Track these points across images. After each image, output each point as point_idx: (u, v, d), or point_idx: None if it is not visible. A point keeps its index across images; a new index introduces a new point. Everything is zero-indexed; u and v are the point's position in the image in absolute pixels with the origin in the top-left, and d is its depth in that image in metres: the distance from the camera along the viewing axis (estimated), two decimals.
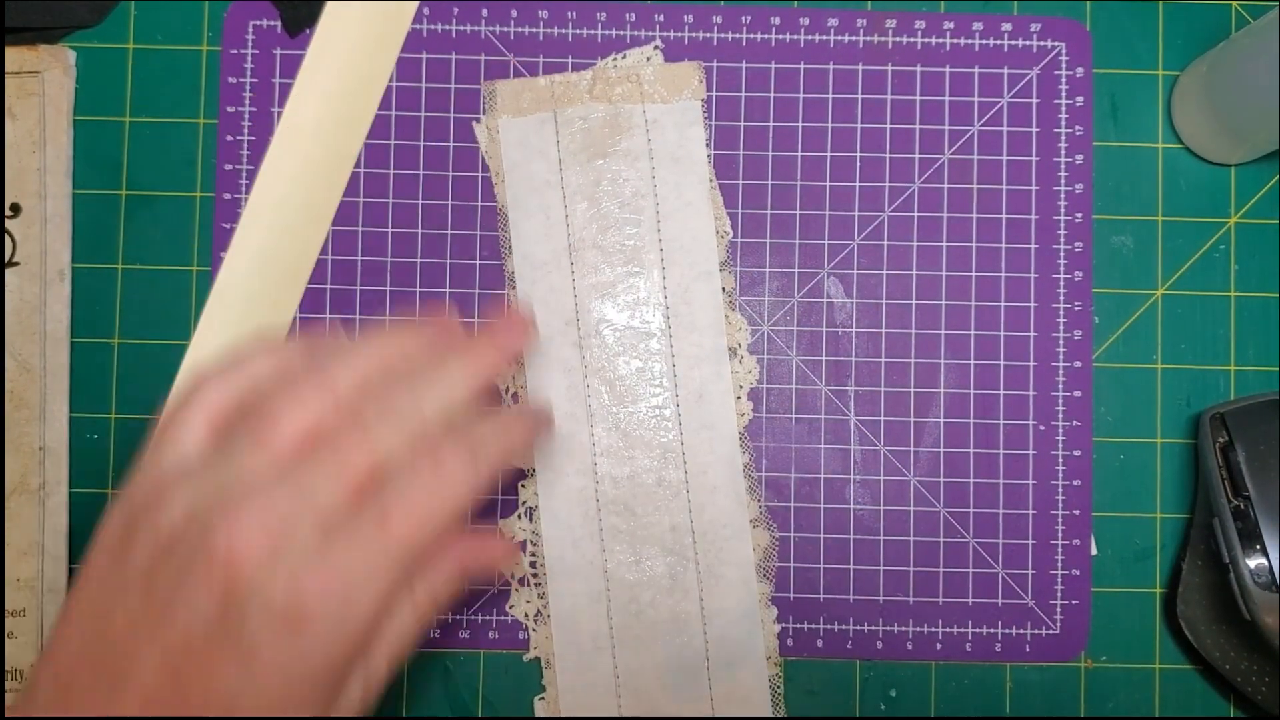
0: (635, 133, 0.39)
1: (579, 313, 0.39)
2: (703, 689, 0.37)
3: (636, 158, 0.39)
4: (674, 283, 0.39)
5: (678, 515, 0.38)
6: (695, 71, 0.39)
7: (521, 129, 0.39)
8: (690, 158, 0.39)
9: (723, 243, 0.39)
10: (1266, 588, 0.36)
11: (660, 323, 0.39)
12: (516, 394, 0.39)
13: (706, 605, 0.38)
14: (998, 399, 0.39)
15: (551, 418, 0.38)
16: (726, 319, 0.39)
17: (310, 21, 0.40)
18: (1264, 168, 0.40)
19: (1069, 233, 0.40)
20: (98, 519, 0.39)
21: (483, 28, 0.40)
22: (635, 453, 0.38)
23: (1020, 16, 0.40)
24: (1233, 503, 0.37)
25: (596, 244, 0.39)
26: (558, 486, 0.38)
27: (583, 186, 0.39)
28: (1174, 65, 0.40)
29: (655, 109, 0.39)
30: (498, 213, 0.39)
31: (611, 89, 0.39)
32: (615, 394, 0.38)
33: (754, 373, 0.39)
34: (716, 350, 0.39)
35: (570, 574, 0.38)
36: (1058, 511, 0.39)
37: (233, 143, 0.40)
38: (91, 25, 0.40)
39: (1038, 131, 0.40)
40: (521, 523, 0.39)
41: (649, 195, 0.39)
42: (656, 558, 0.38)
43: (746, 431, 0.39)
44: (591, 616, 0.38)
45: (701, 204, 0.39)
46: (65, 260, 0.39)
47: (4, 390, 0.38)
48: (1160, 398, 0.39)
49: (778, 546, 0.39)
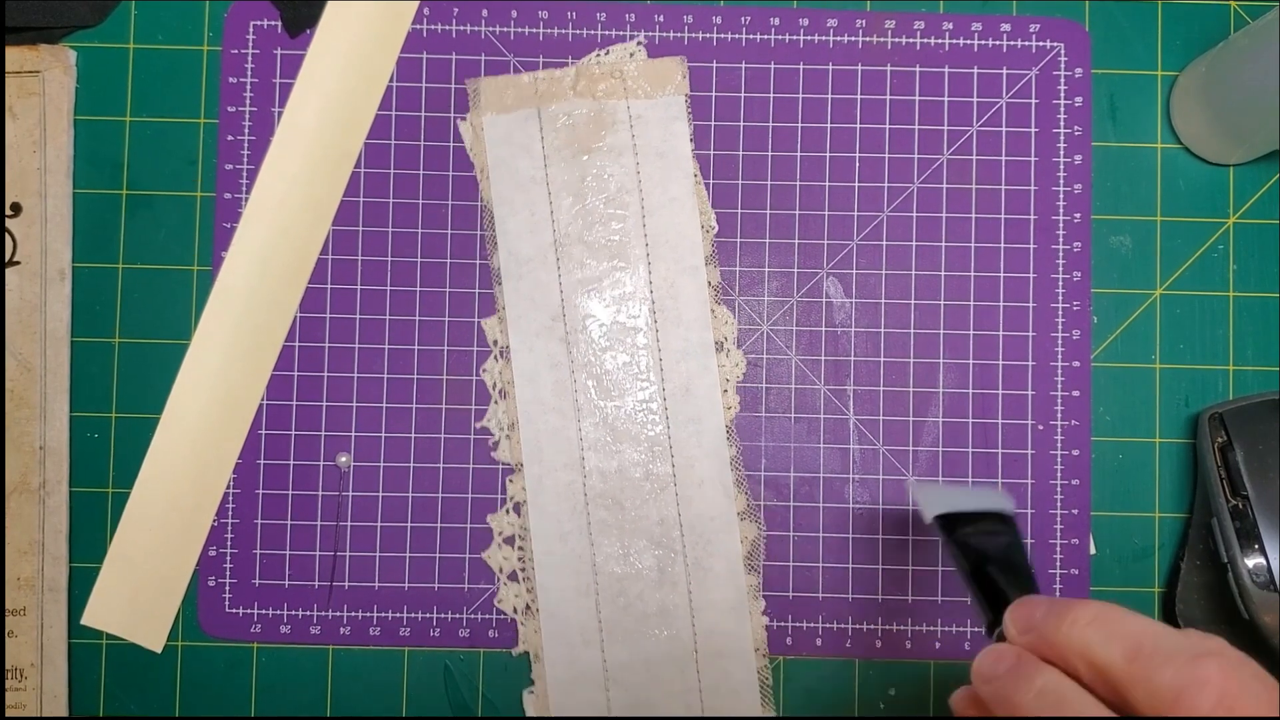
0: (619, 128, 0.39)
1: (565, 308, 0.39)
2: (691, 680, 0.37)
3: (621, 153, 0.39)
4: (660, 277, 0.39)
5: (665, 509, 0.38)
6: (678, 67, 0.39)
7: (506, 125, 0.39)
8: (675, 153, 0.39)
9: (708, 237, 0.39)
10: (1265, 587, 0.36)
11: (646, 317, 0.39)
12: (504, 390, 0.39)
13: (695, 598, 0.38)
14: (996, 398, 0.39)
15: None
16: (713, 313, 0.39)
17: (311, 22, 0.40)
18: (1263, 168, 0.40)
19: (1068, 233, 0.40)
20: (98, 518, 0.39)
21: (483, 28, 0.40)
22: (623, 447, 0.38)
23: (1019, 17, 0.40)
24: (1231, 502, 0.37)
25: (582, 239, 0.39)
26: (546, 481, 0.38)
27: (568, 182, 0.39)
28: (1173, 66, 0.40)
29: (639, 104, 0.39)
30: (482, 209, 0.39)
31: (595, 85, 0.39)
32: (602, 388, 0.38)
33: (740, 366, 0.39)
34: (703, 344, 0.39)
35: (558, 568, 0.38)
36: (1056, 511, 0.39)
37: (233, 142, 0.40)
38: (92, 25, 0.40)
39: (1036, 132, 0.40)
40: (509, 517, 0.39)
41: (634, 191, 0.39)
42: (645, 551, 0.38)
43: (734, 425, 0.39)
44: (580, 610, 0.38)
45: (686, 199, 0.39)
46: (66, 260, 0.39)
47: (4, 389, 0.38)
48: (1159, 397, 0.40)
49: (765, 539, 0.39)
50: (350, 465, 0.39)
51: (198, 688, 0.39)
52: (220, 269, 0.38)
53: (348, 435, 0.39)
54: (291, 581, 0.39)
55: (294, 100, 0.39)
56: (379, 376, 0.39)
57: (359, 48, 0.39)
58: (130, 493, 0.38)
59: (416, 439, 0.39)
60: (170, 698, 0.39)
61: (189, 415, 0.38)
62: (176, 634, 0.39)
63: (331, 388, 0.39)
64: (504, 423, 0.39)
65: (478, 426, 0.39)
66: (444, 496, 0.39)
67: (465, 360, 0.39)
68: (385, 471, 0.39)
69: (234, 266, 0.38)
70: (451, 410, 0.39)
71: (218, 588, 0.39)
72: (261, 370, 0.39)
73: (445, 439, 0.39)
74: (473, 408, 0.39)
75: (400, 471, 0.39)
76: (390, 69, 0.39)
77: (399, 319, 0.39)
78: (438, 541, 0.39)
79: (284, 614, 0.39)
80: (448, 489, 0.39)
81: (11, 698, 0.38)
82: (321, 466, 0.39)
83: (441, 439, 0.39)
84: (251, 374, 0.38)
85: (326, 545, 0.39)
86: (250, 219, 0.38)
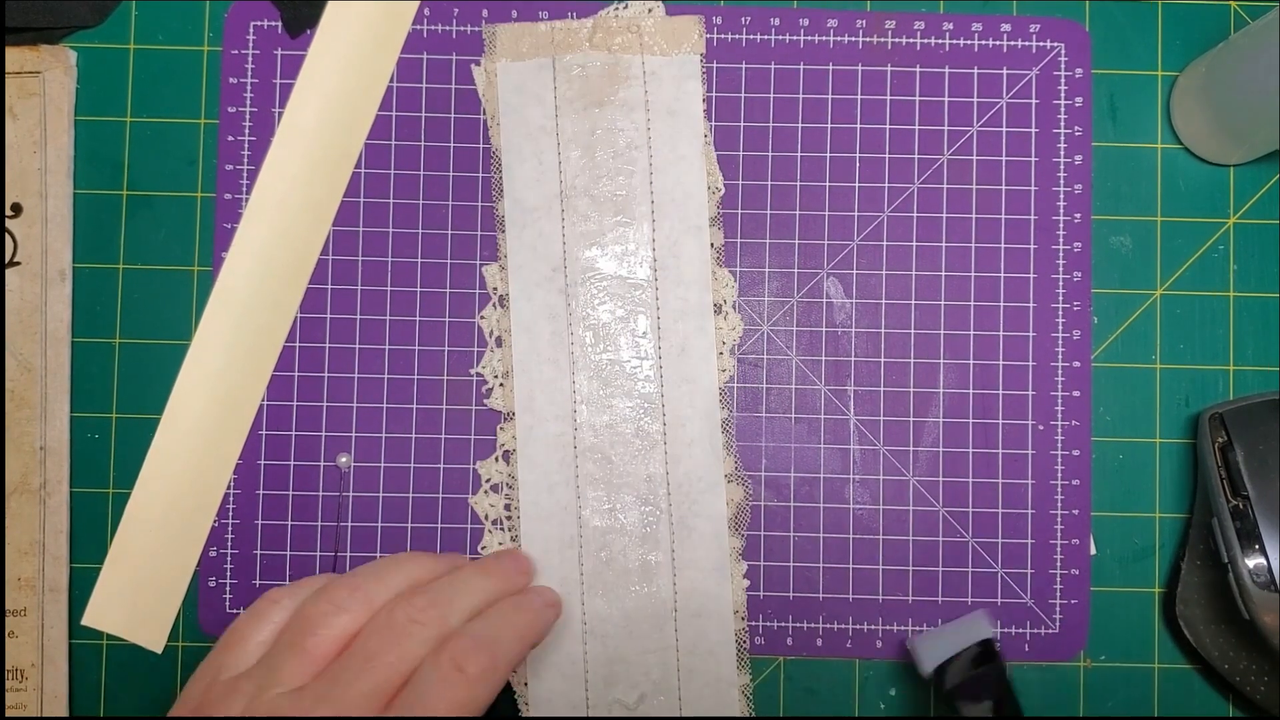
0: (633, 83, 0.39)
1: (567, 260, 0.39)
2: (669, 638, 0.37)
3: (633, 109, 0.39)
4: (663, 236, 0.39)
5: (654, 466, 0.38)
6: (695, 26, 0.39)
7: (520, 73, 0.39)
8: (686, 112, 0.39)
9: (714, 199, 0.39)
10: (1265, 587, 0.36)
11: (647, 274, 0.39)
12: (501, 338, 0.39)
13: (678, 556, 0.38)
14: (997, 399, 0.39)
15: (560, 601, 0.36)
16: (714, 275, 0.39)
17: (311, 22, 0.40)
18: (1263, 168, 0.40)
19: (1068, 233, 0.40)
20: (98, 518, 0.39)
21: (483, 28, 0.40)
22: (615, 402, 0.38)
23: (1019, 17, 0.40)
24: (1231, 502, 0.37)
25: (588, 192, 0.39)
26: (536, 431, 0.38)
27: (577, 134, 0.39)
28: (1173, 66, 0.40)
29: (654, 61, 0.39)
30: (491, 155, 0.39)
31: (611, 38, 0.39)
32: (599, 343, 0.38)
33: (738, 329, 0.39)
34: (702, 305, 0.39)
35: (544, 518, 0.38)
36: (1057, 511, 0.39)
37: (233, 143, 0.40)
38: (93, 25, 0.40)
39: (1037, 132, 0.40)
40: (498, 465, 0.39)
41: (643, 147, 0.39)
42: (631, 507, 0.38)
43: (726, 388, 0.39)
44: (563, 561, 0.38)
45: (695, 158, 0.39)
46: (66, 260, 0.39)
47: (5, 390, 0.38)
48: (1159, 397, 0.40)
49: (751, 502, 0.39)
50: (351, 466, 0.39)
51: None
52: (220, 269, 0.38)
53: (348, 436, 0.39)
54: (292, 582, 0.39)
55: (294, 101, 0.39)
56: (379, 377, 0.39)
57: (359, 48, 0.39)
58: (130, 493, 0.38)
59: (417, 439, 0.39)
60: (171, 698, 0.39)
61: (189, 416, 0.38)
62: (177, 634, 0.39)
63: (332, 388, 0.39)
64: (498, 370, 0.39)
65: (472, 372, 0.39)
66: (444, 497, 0.39)
67: (466, 360, 0.39)
68: (386, 472, 0.39)
69: (234, 267, 0.38)
70: (452, 410, 0.39)
71: (218, 588, 0.39)
72: (262, 370, 0.39)
73: (446, 439, 0.39)
74: (473, 408, 0.39)
75: (401, 472, 0.39)
76: (390, 69, 0.39)
77: (399, 319, 0.39)
78: (438, 542, 0.39)
79: None
80: (448, 489, 0.39)
81: (12, 698, 0.38)
82: (322, 467, 0.39)
83: (442, 439, 0.39)
84: (252, 374, 0.38)
85: (327, 546, 0.39)
86: (250, 219, 0.38)
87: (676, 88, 0.39)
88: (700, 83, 0.39)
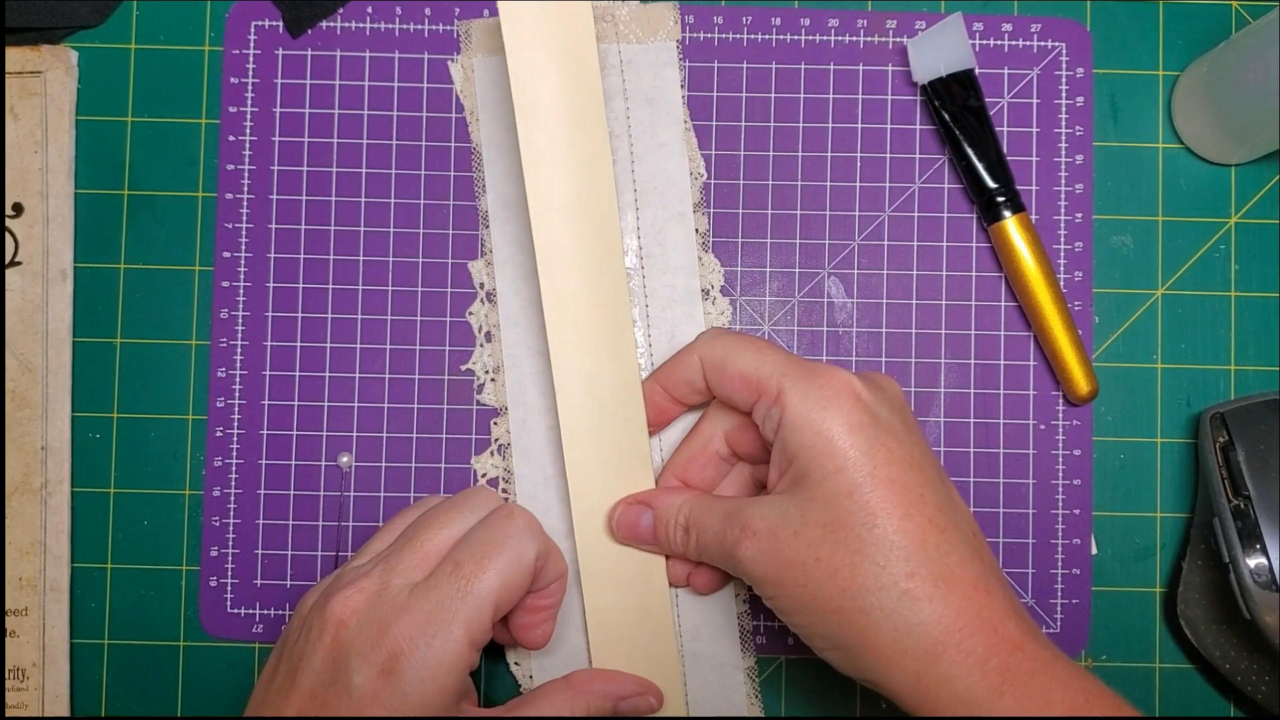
0: (609, 73, 0.39)
1: None
2: (669, 623, 0.37)
3: (611, 98, 0.39)
4: (647, 224, 0.39)
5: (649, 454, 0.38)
6: (671, 12, 0.39)
7: (498, 68, 0.39)
8: (665, 99, 0.39)
9: (697, 184, 0.39)
10: (1266, 587, 0.36)
11: (633, 263, 0.39)
12: (490, 333, 0.39)
13: None
14: (998, 398, 0.39)
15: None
16: (700, 260, 0.39)
17: (312, 21, 0.40)
18: (1264, 168, 0.40)
19: (1069, 232, 0.40)
20: (99, 518, 0.39)
21: (456, 25, 0.40)
22: None
23: (1020, 17, 0.40)
24: (1233, 502, 0.37)
25: None
26: (530, 424, 0.38)
27: None
28: (1174, 65, 0.40)
29: (630, 49, 0.39)
30: (471, 152, 0.39)
31: None
32: None
33: (726, 314, 0.39)
34: (689, 291, 0.39)
35: (541, 510, 0.38)
36: (1058, 511, 0.39)
37: (235, 143, 0.40)
38: (94, 25, 0.40)
39: (1038, 131, 0.40)
40: (494, 459, 0.39)
41: (623, 136, 0.39)
42: None
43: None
44: (562, 552, 0.38)
45: (676, 145, 0.39)
46: (67, 260, 0.39)
47: (6, 389, 0.38)
48: (1160, 397, 0.40)
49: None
50: (352, 465, 0.39)
51: (199, 688, 0.39)
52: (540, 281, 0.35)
53: (349, 435, 0.39)
54: (294, 582, 0.39)
55: (523, 135, 0.35)
56: (380, 377, 0.39)
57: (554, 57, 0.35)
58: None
59: (418, 439, 0.39)
60: (172, 698, 0.39)
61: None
62: (178, 634, 0.39)
63: (333, 388, 0.39)
64: (489, 365, 0.39)
65: (462, 369, 0.39)
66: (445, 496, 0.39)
67: (456, 358, 0.39)
68: (387, 472, 0.39)
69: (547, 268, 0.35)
70: (453, 410, 0.39)
71: (219, 588, 0.39)
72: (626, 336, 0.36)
73: (447, 439, 0.39)
74: (474, 408, 0.39)
75: (402, 472, 0.39)
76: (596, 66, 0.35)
77: (400, 319, 0.39)
78: None
79: (286, 614, 0.39)
80: (449, 488, 0.39)
81: (13, 698, 0.38)
82: (323, 467, 0.39)
83: (443, 439, 0.39)
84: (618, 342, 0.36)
85: (328, 545, 0.39)
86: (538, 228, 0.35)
87: (654, 75, 0.39)
88: (678, 69, 0.39)
